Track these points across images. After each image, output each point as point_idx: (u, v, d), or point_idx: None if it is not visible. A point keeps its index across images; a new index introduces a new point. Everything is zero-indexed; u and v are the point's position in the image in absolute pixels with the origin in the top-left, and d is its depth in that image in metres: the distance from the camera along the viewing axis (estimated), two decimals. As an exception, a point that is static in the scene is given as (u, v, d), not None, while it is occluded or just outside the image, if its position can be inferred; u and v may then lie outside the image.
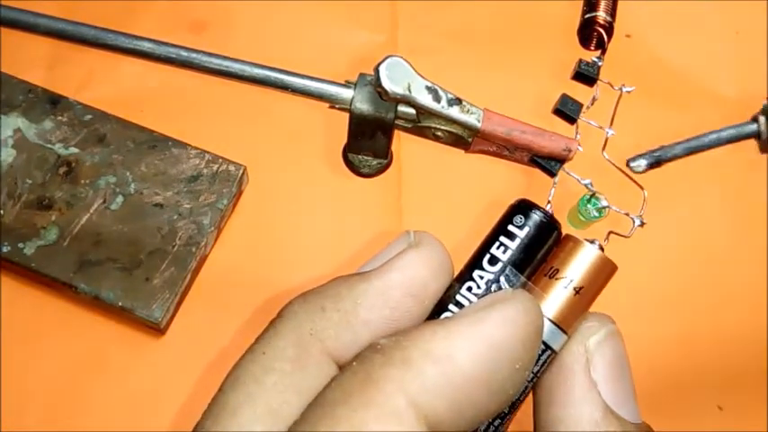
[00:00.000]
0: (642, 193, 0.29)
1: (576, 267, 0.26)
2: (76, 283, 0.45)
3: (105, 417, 0.45)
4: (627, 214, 0.29)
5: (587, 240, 0.26)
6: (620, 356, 0.25)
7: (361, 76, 0.31)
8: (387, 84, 0.28)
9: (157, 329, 0.45)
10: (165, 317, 0.45)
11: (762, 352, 0.47)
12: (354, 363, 0.22)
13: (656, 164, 0.27)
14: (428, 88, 0.29)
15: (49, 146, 0.48)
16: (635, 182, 0.30)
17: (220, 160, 0.48)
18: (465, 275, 0.25)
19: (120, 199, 0.47)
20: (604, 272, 0.26)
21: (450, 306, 0.25)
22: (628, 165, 0.27)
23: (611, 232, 0.27)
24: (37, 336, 0.46)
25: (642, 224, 0.29)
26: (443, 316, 0.25)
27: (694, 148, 0.27)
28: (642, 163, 0.27)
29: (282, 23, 0.55)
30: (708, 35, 0.57)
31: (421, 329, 0.22)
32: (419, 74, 0.29)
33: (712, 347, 0.48)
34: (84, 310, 0.46)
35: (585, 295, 0.25)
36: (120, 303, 0.45)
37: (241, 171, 0.48)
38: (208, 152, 0.49)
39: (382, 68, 0.29)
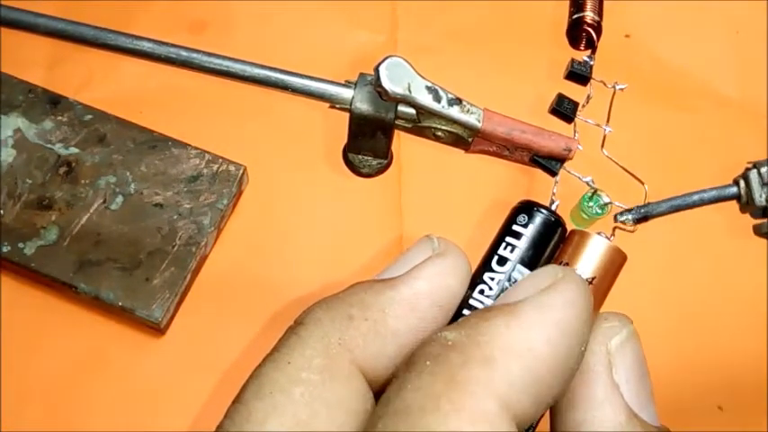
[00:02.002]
0: (643, 188, 0.29)
1: (586, 258, 0.26)
2: (76, 283, 0.45)
3: (105, 417, 0.45)
4: (630, 210, 0.29)
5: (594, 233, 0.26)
6: (640, 358, 0.24)
7: (362, 76, 0.31)
8: (387, 84, 0.28)
9: (157, 329, 0.45)
10: (165, 317, 0.45)
11: (762, 352, 0.47)
12: (428, 362, 0.21)
13: (642, 219, 0.27)
14: (428, 88, 0.29)
15: (49, 146, 0.48)
16: (636, 177, 0.30)
17: (220, 160, 0.48)
18: (475, 279, 0.25)
19: (120, 199, 0.47)
20: (614, 261, 0.26)
21: (465, 311, 0.25)
22: (616, 219, 0.27)
23: (616, 227, 0.27)
24: (37, 336, 0.46)
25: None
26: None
27: (679, 207, 0.27)
28: (630, 217, 0.27)
29: (282, 23, 0.55)
30: (708, 35, 0.57)
31: (490, 320, 0.21)
32: (419, 74, 0.29)
33: (712, 347, 0.48)
34: (84, 310, 0.46)
35: (599, 286, 0.25)
36: (120, 303, 0.45)
37: (241, 171, 0.48)
38: (208, 152, 0.49)
39: (382, 68, 0.28)
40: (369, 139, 0.32)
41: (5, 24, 0.33)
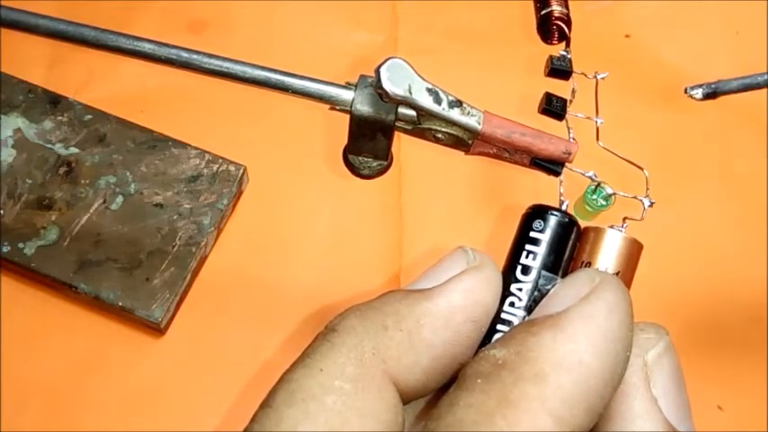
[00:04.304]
0: (644, 174, 0.29)
1: (606, 254, 0.26)
2: (76, 283, 0.45)
3: (105, 417, 0.45)
4: (635, 197, 0.29)
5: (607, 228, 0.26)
6: (678, 370, 0.24)
7: (362, 77, 0.31)
8: (387, 85, 0.28)
9: (157, 329, 0.45)
10: (165, 317, 0.45)
11: (762, 352, 0.47)
12: (479, 380, 0.21)
13: (711, 94, 0.27)
14: (429, 90, 0.29)
15: (49, 146, 0.48)
16: (634, 164, 0.30)
17: (220, 160, 0.48)
18: (504, 292, 0.25)
19: (120, 199, 0.47)
20: (633, 252, 0.26)
21: (499, 326, 0.25)
22: (686, 92, 0.26)
23: (626, 218, 0.28)
24: (37, 336, 0.46)
25: (651, 204, 0.29)
26: (495, 337, 0.24)
27: (749, 86, 0.27)
28: (699, 92, 0.27)
29: (282, 23, 0.55)
30: (708, 35, 0.57)
31: (536, 335, 0.21)
32: (420, 75, 0.29)
33: (712, 347, 0.48)
34: (84, 310, 0.46)
35: (623, 280, 0.25)
36: (120, 303, 0.45)
37: (241, 171, 0.48)
38: (208, 152, 0.49)
39: (383, 70, 0.28)
40: (369, 141, 0.32)
41: (5, 25, 0.33)
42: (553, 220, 0.26)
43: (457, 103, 0.30)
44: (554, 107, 0.32)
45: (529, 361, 0.21)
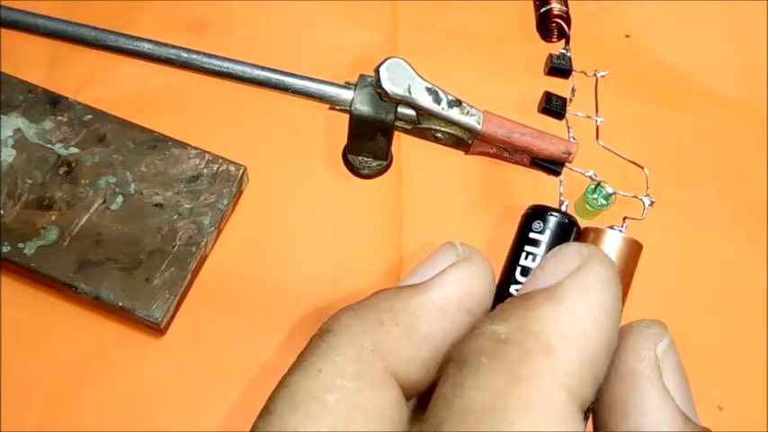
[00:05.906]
0: (644, 172, 0.29)
1: None
2: (76, 283, 0.45)
3: (105, 416, 0.45)
4: (635, 196, 0.29)
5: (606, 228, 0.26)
6: (681, 366, 0.24)
7: (362, 77, 0.31)
8: (387, 85, 0.28)
9: (157, 329, 0.45)
10: (165, 317, 0.45)
11: (762, 352, 0.47)
12: (484, 359, 0.20)
13: None
14: (428, 90, 0.29)
15: (49, 146, 0.48)
16: (634, 163, 0.30)
17: (220, 160, 0.48)
18: (501, 293, 0.25)
19: (120, 199, 0.47)
20: (632, 252, 0.26)
21: None
22: None
23: (626, 217, 0.28)
24: (37, 335, 0.46)
25: (652, 203, 0.29)
26: None
27: None
28: None
29: (282, 23, 0.55)
30: (708, 35, 0.57)
31: (534, 309, 0.21)
32: (419, 75, 0.29)
33: (712, 347, 0.48)
34: (84, 310, 0.46)
35: (622, 279, 0.25)
36: (120, 303, 0.45)
37: (241, 171, 0.48)
38: (208, 152, 0.49)
39: (383, 69, 0.29)
40: (369, 141, 0.32)
41: (5, 25, 0.33)
42: (552, 221, 0.26)
43: (456, 103, 0.30)
44: (554, 106, 0.32)
45: (532, 334, 0.20)
